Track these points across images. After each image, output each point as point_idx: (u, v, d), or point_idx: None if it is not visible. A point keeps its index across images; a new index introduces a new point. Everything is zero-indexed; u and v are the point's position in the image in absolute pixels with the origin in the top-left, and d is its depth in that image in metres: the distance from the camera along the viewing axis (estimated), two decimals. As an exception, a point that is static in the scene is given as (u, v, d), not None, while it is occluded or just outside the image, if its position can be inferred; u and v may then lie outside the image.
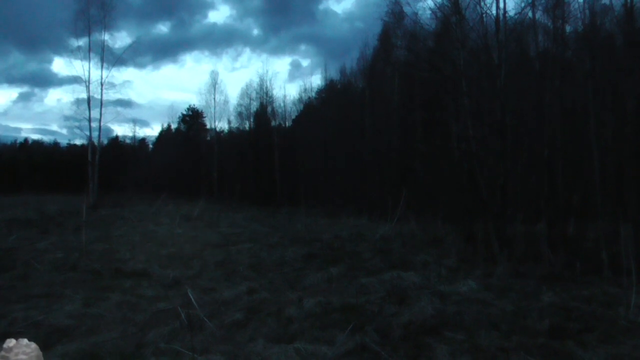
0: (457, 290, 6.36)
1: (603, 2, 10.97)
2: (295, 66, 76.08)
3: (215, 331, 4.82)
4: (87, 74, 25.85)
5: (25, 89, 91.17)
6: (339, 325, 4.89)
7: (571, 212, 9.86)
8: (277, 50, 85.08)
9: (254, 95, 33.32)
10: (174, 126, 47.10)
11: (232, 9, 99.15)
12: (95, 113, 26.25)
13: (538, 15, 10.88)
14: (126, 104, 61.92)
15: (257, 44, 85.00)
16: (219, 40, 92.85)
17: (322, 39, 79.22)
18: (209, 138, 40.22)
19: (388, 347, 4.34)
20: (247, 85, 43.66)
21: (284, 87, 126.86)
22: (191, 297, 5.67)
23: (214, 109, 36.31)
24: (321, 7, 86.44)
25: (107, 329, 4.99)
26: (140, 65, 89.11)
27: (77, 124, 26.18)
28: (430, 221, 13.14)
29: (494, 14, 9.51)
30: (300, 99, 33.40)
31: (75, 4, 24.99)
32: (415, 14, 11.34)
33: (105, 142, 38.72)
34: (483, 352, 4.23)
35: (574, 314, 5.32)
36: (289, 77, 79.73)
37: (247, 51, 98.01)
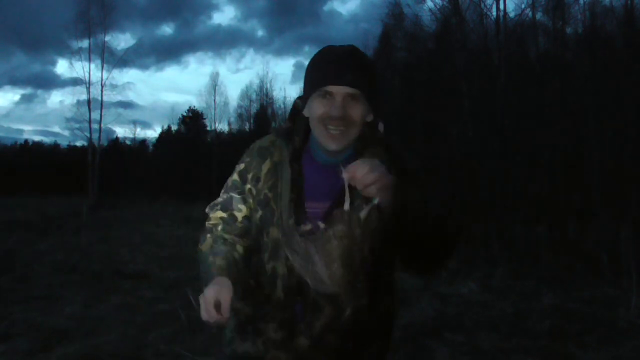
0: (457, 291, 6.37)
1: (603, 3, 11.00)
2: (299, 67, 75.95)
3: (215, 332, 4.80)
4: (88, 75, 25.96)
5: (28, 90, 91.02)
6: (339, 327, 4.88)
7: (571, 213, 9.86)
8: (281, 52, 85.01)
9: (254, 96, 33.43)
10: (174, 127, 46.97)
11: (237, 10, 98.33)
12: (96, 114, 26.34)
13: (538, 16, 10.91)
14: (128, 105, 61.69)
15: (261, 45, 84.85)
16: (223, 41, 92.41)
17: (326, 40, 79.02)
18: (209, 139, 40.18)
19: (388, 348, 4.33)
20: (247, 87, 43.79)
21: (285, 89, 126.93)
22: (191, 298, 5.66)
23: (214, 110, 36.35)
24: (326, 8, 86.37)
25: (107, 331, 4.97)
26: (144, 67, 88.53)
27: (78, 125, 26.28)
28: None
29: (494, 15, 9.55)
30: (300, 101, 33.41)
31: (76, 5, 25.12)
32: (416, 15, 11.40)
33: (105, 143, 38.80)
34: (483, 354, 4.23)
35: (574, 315, 5.32)
36: (292, 79, 79.58)
37: (250, 52, 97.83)
